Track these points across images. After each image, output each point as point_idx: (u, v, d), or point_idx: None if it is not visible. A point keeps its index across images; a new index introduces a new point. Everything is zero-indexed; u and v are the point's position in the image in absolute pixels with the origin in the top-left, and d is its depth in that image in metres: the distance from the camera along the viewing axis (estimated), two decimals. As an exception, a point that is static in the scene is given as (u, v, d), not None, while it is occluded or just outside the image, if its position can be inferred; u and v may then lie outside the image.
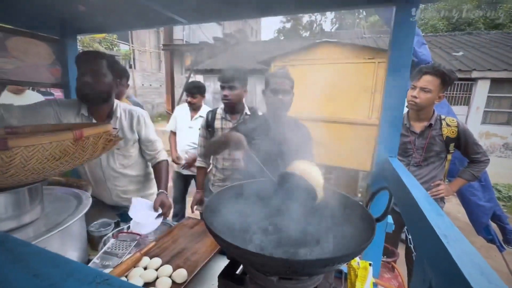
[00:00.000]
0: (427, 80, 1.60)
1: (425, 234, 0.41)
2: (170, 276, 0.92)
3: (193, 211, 2.03)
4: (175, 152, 2.68)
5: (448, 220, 0.40)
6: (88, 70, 1.18)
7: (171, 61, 7.23)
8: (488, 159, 1.66)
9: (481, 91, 7.76)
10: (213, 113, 2.01)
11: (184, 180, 2.78)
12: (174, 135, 2.77)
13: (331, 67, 2.76)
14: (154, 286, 0.86)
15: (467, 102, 8.00)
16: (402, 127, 1.77)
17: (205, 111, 2.70)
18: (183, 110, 2.73)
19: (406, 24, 0.84)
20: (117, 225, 1.29)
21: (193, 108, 2.64)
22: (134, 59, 14.12)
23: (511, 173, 6.17)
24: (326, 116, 2.85)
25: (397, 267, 1.42)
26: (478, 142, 1.67)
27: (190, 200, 3.38)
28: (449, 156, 1.73)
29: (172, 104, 7.20)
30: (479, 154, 1.64)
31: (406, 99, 1.71)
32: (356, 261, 0.94)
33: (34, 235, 0.73)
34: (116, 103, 1.37)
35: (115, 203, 1.53)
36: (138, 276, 0.88)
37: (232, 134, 1.25)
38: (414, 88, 1.66)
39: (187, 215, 2.73)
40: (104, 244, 1.13)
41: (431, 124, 1.66)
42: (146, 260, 0.98)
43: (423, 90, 1.61)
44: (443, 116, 1.69)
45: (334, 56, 2.77)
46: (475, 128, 7.73)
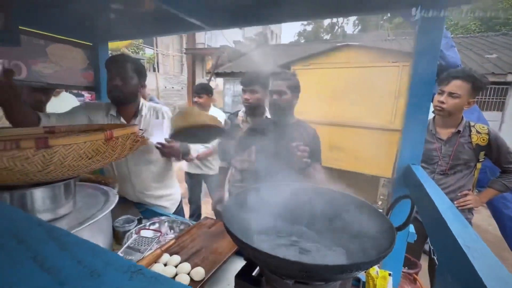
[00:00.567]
0: (456, 85, 1.52)
1: (447, 245, 0.40)
2: (189, 274, 0.95)
3: (214, 211, 2.08)
4: None
5: (472, 232, 0.38)
6: (116, 73, 1.28)
7: (193, 64, 7.43)
8: None
9: (517, 96, 7.23)
10: (234, 115, 2.06)
11: (196, 181, 2.85)
12: None
13: (353, 70, 2.71)
14: (174, 282, 0.89)
15: (501, 107, 7.47)
16: (427, 133, 1.70)
17: (213, 111, 2.76)
18: None
19: (432, 26, 0.81)
20: (139, 222, 1.35)
21: (201, 107, 2.70)
22: (157, 63, 14.68)
23: (551, 185, 5.66)
24: (346, 120, 2.80)
25: (419, 279, 1.36)
26: (512, 151, 1.56)
27: (206, 201, 3.45)
28: (478, 165, 1.64)
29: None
30: (513, 164, 1.53)
31: (432, 104, 1.64)
32: (375, 269, 0.92)
33: (67, 227, 0.79)
34: (142, 102, 1.46)
35: (137, 199, 1.60)
36: (159, 271, 0.92)
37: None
38: (442, 93, 1.58)
39: (203, 215, 2.79)
40: (128, 239, 1.19)
41: (459, 131, 1.58)
42: (166, 256, 1.02)
43: (451, 95, 1.53)
44: (472, 123, 1.60)
45: (356, 59, 2.71)
46: (510, 135, 7.19)
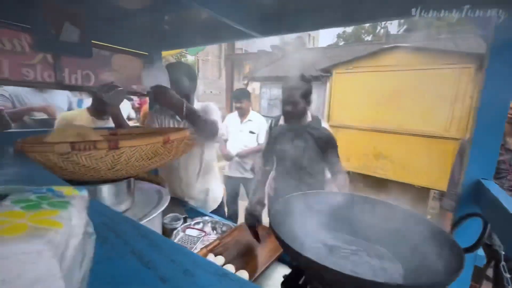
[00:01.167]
0: None
1: None
2: (233, 276, 0.96)
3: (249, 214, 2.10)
4: (226, 150, 2.78)
5: None
6: (172, 80, 1.36)
7: (231, 70, 7.67)
8: None
9: None
10: (276, 120, 2.07)
11: (234, 184, 2.90)
12: (224, 142, 2.90)
13: (402, 74, 2.53)
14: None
15: None
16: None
17: (253, 115, 2.81)
18: (232, 117, 2.90)
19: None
20: (185, 220, 1.42)
21: (241, 113, 2.76)
22: (198, 68, 15.45)
23: None
24: (393, 127, 2.63)
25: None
26: None
27: (242, 203, 3.49)
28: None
29: (231, 109, 7.64)
30: None
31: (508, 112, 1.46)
32: (433, 293, 0.84)
33: (128, 222, 0.86)
34: (195, 103, 1.57)
35: (181, 193, 1.69)
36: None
37: None
38: None
39: (240, 218, 2.83)
40: (175, 237, 1.25)
41: (534, 142, 1.38)
42: (211, 257, 1.06)
43: None
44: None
45: (406, 62, 2.54)
46: None
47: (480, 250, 0.80)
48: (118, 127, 1.33)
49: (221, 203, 1.84)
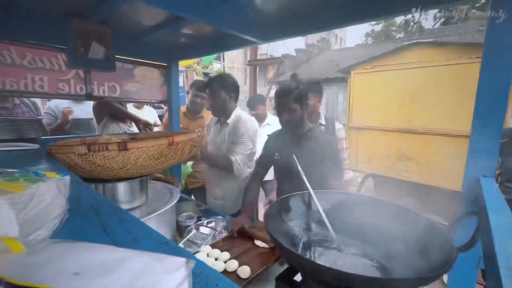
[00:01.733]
0: None
1: (492, 267, 0.34)
2: (236, 271, 1.02)
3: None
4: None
5: None
6: (209, 92, 1.65)
7: (255, 75, 7.81)
8: None
9: None
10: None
11: None
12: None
13: (425, 70, 2.41)
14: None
15: None
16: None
17: (270, 118, 2.82)
18: None
19: (508, 20, 0.69)
20: (199, 219, 1.51)
21: (259, 118, 2.79)
22: (224, 76, 15.88)
23: None
24: (417, 126, 2.50)
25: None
26: None
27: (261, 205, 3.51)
28: None
29: (254, 115, 7.75)
30: None
31: None
32: (435, 295, 0.81)
33: (139, 216, 0.96)
34: (234, 111, 1.72)
35: (214, 197, 1.83)
36: (209, 264, 1.02)
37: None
38: None
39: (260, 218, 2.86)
40: (188, 233, 1.34)
41: None
42: (217, 252, 1.12)
43: None
44: None
45: (429, 58, 2.41)
46: None
47: (486, 252, 0.75)
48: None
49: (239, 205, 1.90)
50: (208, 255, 1.10)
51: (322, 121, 2.06)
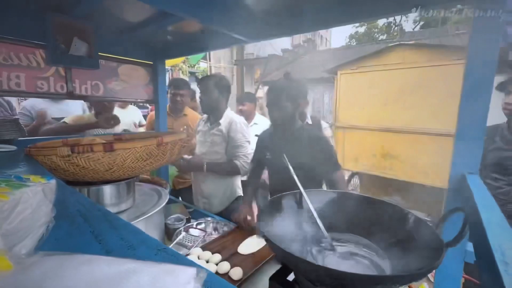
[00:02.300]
0: None
1: (486, 261, 0.35)
2: (228, 272, 1.00)
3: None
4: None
5: None
6: (202, 90, 1.64)
7: (241, 74, 7.78)
8: None
9: None
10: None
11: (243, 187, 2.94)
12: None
13: (408, 71, 2.49)
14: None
15: None
16: (501, 140, 1.46)
17: (259, 118, 2.82)
18: None
19: (489, 22, 0.72)
20: (188, 221, 1.48)
21: (246, 116, 2.78)
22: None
23: None
24: (401, 125, 2.57)
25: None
26: None
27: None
28: None
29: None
30: None
31: (501, 108, 1.43)
32: (424, 289, 0.83)
33: (127, 220, 0.92)
34: (226, 111, 1.73)
35: (202, 195, 1.81)
36: (200, 267, 0.99)
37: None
38: (509, 93, 1.39)
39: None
40: (177, 236, 1.31)
41: (544, 136, 1.32)
42: (208, 254, 1.10)
43: None
44: None
45: (411, 59, 2.49)
46: None
47: (471, 247, 0.78)
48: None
49: (230, 204, 1.88)
50: (199, 258, 1.08)
51: (309, 120, 2.09)
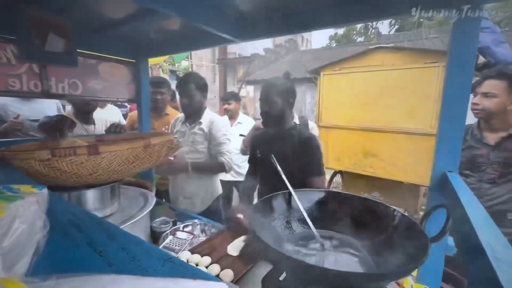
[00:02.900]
0: (489, 85, 1.43)
1: (475, 256, 0.38)
2: (218, 275, 0.99)
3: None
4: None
5: (505, 244, 0.36)
6: (183, 93, 1.63)
7: (224, 74, 7.72)
8: None
9: None
10: None
11: (227, 187, 2.93)
12: None
13: (387, 73, 2.59)
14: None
15: None
16: (472, 138, 1.56)
17: (242, 118, 2.83)
18: None
19: (468, 23, 0.77)
20: (174, 223, 1.44)
21: (230, 115, 2.78)
22: (192, 74, 15.43)
23: None
24: (381, 125, 2.68)
25: (465, 298, 1.24)
26: None
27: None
28: (536, 173, 1.45)
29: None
30: None
31: (470, 109, 1.53)
32: (409, 283, 0.87)
33: (112, 225, 0.88)
34: (205, 112, 1.74)
35: (183, 195, 1.78)
36: (190, 270, 0.97)
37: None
38: (476, 94, 1.51)
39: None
40: (164, 239, 1.27)
41: (510, 135, 1.43)
42: (197, 257, 1.08)
43: (485, 95, 1.45)
44: (527, 126, 1.44)
45: (390, 61, 2.60)
46: None
47: (451, 241, 0.83)
48: None
49: (213, 202, 1.87)
50: (188, 261, 1.05)
51: (296, 120, 2.12)
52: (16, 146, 0.91)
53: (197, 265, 1.04)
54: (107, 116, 2.30)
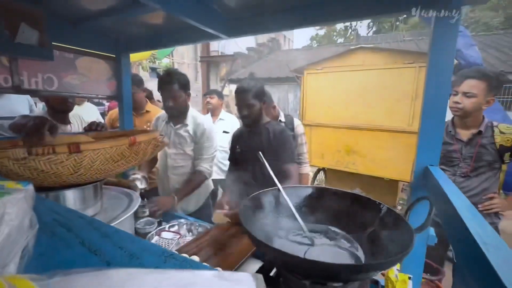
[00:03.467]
0: (470, 85, 1.49)
1: (464, 243, 0.40)
2: (207, 274, 0.97)
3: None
4: None
5: (490, 229, 0.38)
6: (166, 93, 1.57)
7: (207, 72, 7.61)
8: None
9: (547, 94, 6.81)
10: None
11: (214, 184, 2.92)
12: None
13: (368, 73, 2.68)
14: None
15: (529, 107, 7.06)
16: (446, 135, 1.65)
17: (224, 114, 2.82)
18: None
19: (447, 26, 0.81)
20: (159, 224, 1.40)
21: (212, 111, 2.77)
22: (173, 71, 15.06)
23: None
24: (362, 123, 2.76)
25: (442, 286, 1.31)
26: (541, 152, 1.48)
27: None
28: (504, 167, 1.56)
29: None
30: (543, 166, 1.45)
31: (449, 106, 1.60)
32: (394, 273, 0.91)
33: (95, 226, 0.84)
34: (189, 112, 1.70)
35: (169, 194, 1.72)
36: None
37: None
38: (456, 93, 1.55)
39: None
40: (149, 240, 1.24)
41: (480, 131, 1.53)
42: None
43: (465, 95, 1.51)
44: (495, 123, 1.54)
45: (370, 62, 2.69)
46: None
47: (432, 231, 0.88)
48: None
49: (205, 200, 1.85)
50: (175, 262, 1.03)
51: (282, 118, 2.13)
52: (-14, 144, 0.84)
53: (185, 265, 1.02)
54: (84, 114, 2.19)
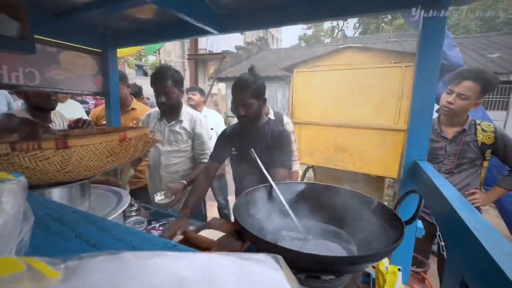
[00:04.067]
0: (466, 86, 1.49)
1: (457, 230, 0.42)
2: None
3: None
4: None
5: (480, 216, 0.40)
6: (159, 89, 1.54)
7: (195, 70, 7.52)
8: None
9: (521, 94, 7.19)
10: None
11: None
12: None
13: (355, 72, 2.73)
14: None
15: (505, 106, 7.43)
16: (432, 132, 1.70)
17: (206, 110, 2.81)
18: None
19: (435, 27, 0.84)
20: (149, 223, 1.38)
21: (194, 109, 2.73)
22: (160, 69, 14.78)
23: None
24: (350, 121, 2.81)
25: (427, 278, 1.36)
26: (520, 149, 1.55)
27: (210, 204, 3.47)
28: (485, 163, 1.63)
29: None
30: (521, 162, 1.53)
31: (440, 104, 1.63)
32: (384, 265, 0.93)
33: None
34: (183, 108, 1.69)
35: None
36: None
37: None
38: (451, 92, 1.55)
39: (209, 217, 2.80)
40: (139, 240, 1.21)
41: (464, 130, 1.59)
42: (177, 255, 1.04)
43: (460, 96, 1.51)
44: (478, 121, 1.60)
45: (358, 61, 2.74)
46: (515, 134, 7.10)
47: (420, 224, 0.91)
48: None
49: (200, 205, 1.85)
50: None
51: (272, 115, 2.14)
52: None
53: (177, 263, 1.00)
54: (67, 113, 2.11)
